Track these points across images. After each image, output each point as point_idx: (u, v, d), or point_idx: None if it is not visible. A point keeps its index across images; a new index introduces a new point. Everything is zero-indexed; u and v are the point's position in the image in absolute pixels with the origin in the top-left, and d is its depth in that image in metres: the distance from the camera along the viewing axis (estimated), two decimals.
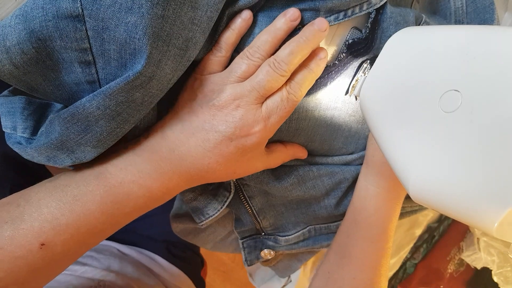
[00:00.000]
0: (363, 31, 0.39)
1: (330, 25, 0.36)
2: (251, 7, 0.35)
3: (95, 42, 0.30)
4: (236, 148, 0.37)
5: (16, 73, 0.31)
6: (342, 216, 0.51)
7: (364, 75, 0.39)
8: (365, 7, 0.37)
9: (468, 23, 0.49)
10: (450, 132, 0.29)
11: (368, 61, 0.40)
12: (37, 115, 0.37)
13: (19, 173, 0.62)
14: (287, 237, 0.54)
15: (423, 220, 0.72)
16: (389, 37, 0.38)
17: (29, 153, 0.35)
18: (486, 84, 0.27)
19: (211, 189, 0.49)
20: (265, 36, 0.35)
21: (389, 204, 0.46)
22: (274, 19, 0.36)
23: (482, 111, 0.27)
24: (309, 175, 0.48)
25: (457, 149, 0.28)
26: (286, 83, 0.37)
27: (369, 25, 0.38)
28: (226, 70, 0.36)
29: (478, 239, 0.68)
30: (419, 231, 0.73)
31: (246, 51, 0.36)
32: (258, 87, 0.35)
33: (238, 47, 0.37)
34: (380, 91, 0.37)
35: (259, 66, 0.36)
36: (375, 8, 0.37)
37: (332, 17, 0.36)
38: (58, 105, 0.37)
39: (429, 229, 0.76)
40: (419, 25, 0.42)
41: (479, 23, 0.48)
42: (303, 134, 0.44)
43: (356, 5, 0.37)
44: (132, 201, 0.36)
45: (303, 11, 0.36)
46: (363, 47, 0.39)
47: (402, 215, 0.56)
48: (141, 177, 0.36)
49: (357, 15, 0.37)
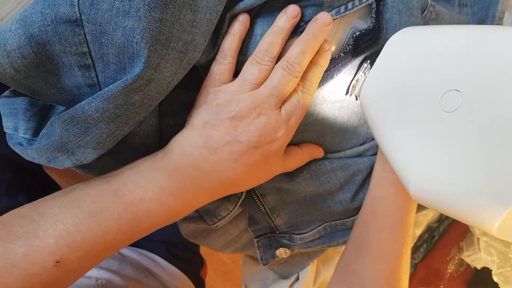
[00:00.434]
0: (369, 22, 0.38)
1: (333, 19, 0.36)
2: (252, 8, 0.35)
3: (93, 46, 0.30)
4: (261, 155, 0.36)
5: (17, 77, 0.32)
6: (357, 210, 0.50)
7: (364, 75, 0.39)
8: None
9: (471, 6, 0.48)
10: (451, 132, 0.29)
11: (369, 61, 0.40)
12: (39, 117, 0.37)
13: (15, 173, 0.62)
14: (302, 235, 0.53)
15: (423, 220, 0.72)
16: (395, 26, 0.38)
17: (30, 154, 0.35)
18: (486, 84, 0.27)
19: None
20: (270, 38, 0.35)
21: None
22: (274, 17, 0.36)
23: (482, 111, 0.27)
24: (322, 169, 0.47)
25: (458, 149, 0.28)
26: (299, 83, 0.37)
27: (373, 15, 0.38)
28: (239, 78, 0.36)
29: (478, 239, 0.68)
30: (419, 231, 0.73)
31: (255, 56, 0.35)
32: (276, 92, 0.35)
33: (242, 50, 0.37)
34: (381, 91, 0.37)
35: (270, 69, 0.35)
36: None
37: (333, 11, 0.36)
38: (61, 107, 0.37)
39: (429, 229, 0.76)
40: (425, 10, 0.42)
41: (483, 6, 0.48)
42: (313, 128, 0.44)
43: None
44: (151, 218, 0.35)
45: (305, 7, 0.36)
46: (371, 38, 0.39)
47: None
48: (162, 194, 0.35)
49: (357, 7, 0.37)
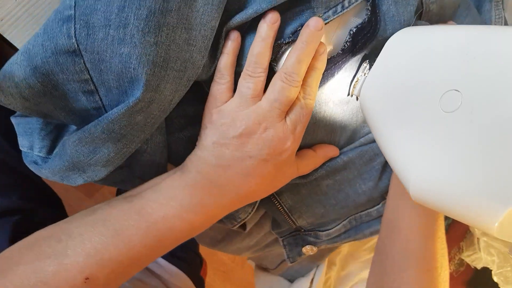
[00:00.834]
0: (364, 15, 0.38)
1: (330, 20, 0.36)
2: (246, 22, 0.35)
3: (94, 73, 0.31)
4: (273, 166, 0.38)
5: (28, 105, 0.33)
6: (381, 196, 0.50)
7: (364, 75, 0.39)
8: None
9: None
10: (450, 132, 0.29)
11: (368, 60, 0.40)
12: (53, 135, 0.39)
13: (7, 174, 0.63)
14: (327, 231, 0.53)
15: None
16: (393, 17, 0.38)
17: (44, 173, 0.37)
18: (486, 84, 0.27)
19: None
20: (257, 49, 0.35)
21: None
22: None
23: (482, 111, 0.27)
24: (338, 163, 0.46)
25: (457, 149, 0.28)
26: (299, 90, 0.37)
27: (369, 7, 0.38)
28: (237, 95, 0.36)
29: (478, 239, 0.68)
30: None
31: (246, 71, 0.36)
32: (278, 104, 0.36)
33: (237, 61, 0.37)
34: (380, 91, 0.37)
35: (264, 79, 0.36)
36: None
37: (330, 12, 0.36)
38: (73, 126, 0.39)
39: None
40: None
41: None
42: (322, 126, 0.44)
43: None
44: (174, 234, 0.37)
45: (301, 12, 0.36)
46: (369, 31, 0.39)
47: None
48: (183, 211, 0.36)
49: (354, 4, 0.37)
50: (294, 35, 0.36)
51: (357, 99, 0.43)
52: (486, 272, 0.68)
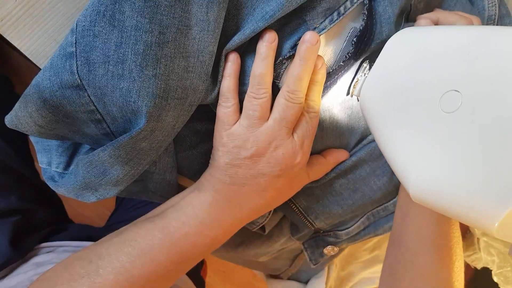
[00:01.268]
0: (361, 20, 0.38)
1: (327, 29, 0.36)
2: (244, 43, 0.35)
3: (99, 105, 0.33)
4: (285, 179, 0.40)
5: (43, 131, 0.35)
6: (397, 189, 0.50)
7: (364, 75, 0.39)
8: None
9: None
10: (451, 132, 0.29)
11: (368, 61, 0.40)
12: (70, 151, 0.42)
13: (7, 175, 0.63)
14: (347, 230, 0.53)
15: None
16: (389, 18, 0.38)
17: (61, 191, 0.40)
18: (486, 84, 0.27)
19: None
20: (259, 70, 0.35)
21: None
22: None
23: (482, 111, 0.27)
24: (347, 164, 0.47)
25: (458, 149, 0.28)
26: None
27: (365, 11, 0.38)
28: (244, 117, 0.37)
29: (478, 239, 0.68)
30: None
31: (250, 93, 0.36)
32: (285, 123, 0.37)
33: (240, 81, 0.37)
34: (380, 91, 0.37)
35: (269, 98, 0.36)
36: None
37: (326, 21, 0.36)
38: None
39: None
40: None
41: None
42: (330, 132, 0.44)
43: (346, 0, 0.37)
44: (198, 249, 0.39)
45: (298, 26, 0.36)
46: (366, 35, 0.39)
47: None
48: (204, 228, 0.39)
49: (350, 9, 0.37)
50: (293, 49, 0.36)
51: (357, 99, 0.43)
52: (486, 272, 0.68)
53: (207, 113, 0.39)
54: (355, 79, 0.40)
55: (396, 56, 0.36)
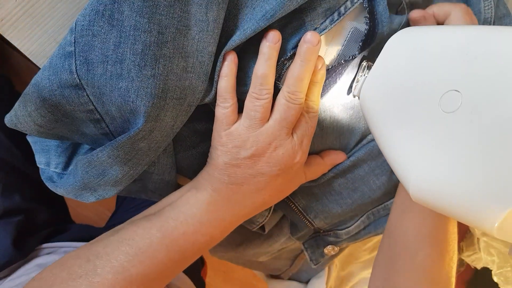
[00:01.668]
0: (363, 23, 0.38)
1: (328, 29, 0.36)
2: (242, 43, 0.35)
3: (98, 104, 0.33)
4: (284, 179, 0.40)
5: (42, 130, 0.35)
6: (397, 188, 0.49)
7: (364, 75, 0.39)
8: None
9: None
10: (450, 132, 0.29)
11: (366, 60, 0.40)
12: (69, 151, 0.42)
13: (10, 174, 0.63)
14: (347, 229, 0.54)
15: None
16: (388, 17, 0.38)
17: (60, 191, 0.40)
18: (486, 84, 0.27)
19: None
20: (261, 71, 0.35)
21: None
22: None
23: (482, 111, 0.27)
24: (345, 165, 0.47)
25: (457, 149, 0.28)
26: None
27: (367, 14, 0.38)
28: (245, 117, 0.37)
29: (478, 239, 0.68)
30: None
31: (252, 93, 0.36)
32: (285, 123, 0.37)
33: (240, 82, 0.37)
34: (380, 91, 0.37)
35: (271, 99, 0.36)
36: None
37: (327, 21, 0.36)
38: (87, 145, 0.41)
39: None
40: None
41: None
42: (330, 131, 0.44)
43: (346, 0, 0.36)
44: (196, 246, 0.39)
45: (300, 27, 0.36)
46: (370, 36, 0.39)
47: None
48: (203, 227, 0.39)
49: (350, 9, 0.37)
50: (294, 50, 0.36)
51: (359, 99, 0.43)
52: (486, 272, 0.68)
53: (206, 113, 0.39)
54: (355, 79, 0.40)
55: (396, 56, 0.36)
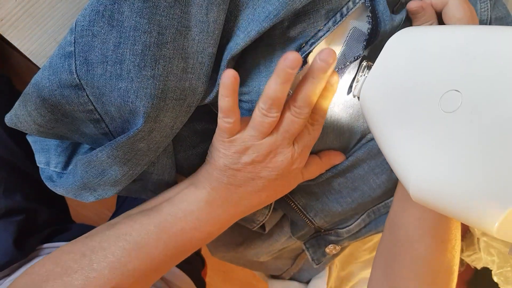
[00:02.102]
0: (366, 22, 0.38)
1: (331, 31, 0.36)
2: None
3: (97, 105, 0.33)
4: (281, 181, 0.41)
5: (42, 130, 0.35)
6: (397, 186, 0.49)
7: (364, 75, 0.39)
8: None
9: None
10: (450, 132, 0.29)
11: (368, 61, 0.40)
12: (69, 151, 0.42)
13: (11, 174, 0.63)
14: (348, 228, 0.53)
15: None
16: (390, 16, 0.38)
17: (59, 191, 0.40)
18: (486, 84, 0.27)
19: None
20: (274, 93, 0.33)
21: None
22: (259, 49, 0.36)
23: (482, 111, 0.27)
24: (344, 164, 0.47)
25: (457, 149, 0.28)
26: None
27: (369, 14, 0.38)
28: (251, 127, 0.36)
29: (478, 239, 0.68)
30: None
31: (261, 109, 0.35)
32: (288, 135, 0.37)
33: (242, 83, 0.37)
34: (380, 91, 0.37)
35: (279, 117, 0.36)
36: None
37: (330, 22, 0.36)
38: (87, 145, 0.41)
39: None
40: None
41: None
42: (330, 131, 0.44)
43: (348, 1, 0.36)
44: (193, 242, 0.40)
45: (303, 30, 0.36)
46: (373, 35, 0.39)
47: None
48: (200, 224, 0.39)
49: (352, 10, 0.37)
50: (299, 52, 0.36)
51: (359, 99, 0.43)
52: (486, 272, 0.68)
53: (207, 113, 0.39)
54: (355, 79, 0.40)
55: (395, 56, 0.36)
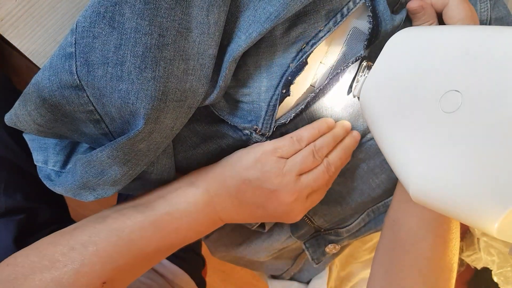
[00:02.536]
0: (367, 22, 0.38)
1: (332, 31, 0.36)
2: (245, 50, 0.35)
3: (97, 105, 0.33)
4: (281, 216, 0.42)
5: (42, 129, 0.35)
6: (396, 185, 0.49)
7: (364, 75, 0.39)
8: None
9: None
10: (451, 133, 0.29)
11: (368, 61, 0.40)
12: (68, 150, 0.42)
13: (12, 173, 0.63)
14: (347, 227, 0.54)
15: None
16: (390, 16, 0.38)
17: (58, 190, 0.40)
18: (486, 84, 0.27)
19: None
20: (320, 142, 0.41)
21: None
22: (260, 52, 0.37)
23: (482, 111, 0.27)
24: (344, 166, 0.47)
25: (457, 149, 0.28)
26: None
27: (370, 13, 0.38)
28: (290, 165, 0.39)
29: (478, 239, 0.68)
30: None
31: (294, 140, 0.40)
32: (314, 184, 0.40)
33: (244, 83, 0.38)
34: (381, 92, 0.37)
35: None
36: None
37: (331, 23, 0.36)
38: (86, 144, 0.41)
39: None
40: None
41: None
42: None
43: (348, 1, 0.37)
44: (186, 241, 0.40)
45: (303, 30, 0.36)
46: (374, 35, 0.39)
47: None
48: (197, 225, 0.39)
49: (353, 10, 0.37)
50: (298, 54, 0.36)
51: (359, 99, 0.43)
52: (486, 272, 0.68)
53: (207, 114, 0.39)
54: (355, 79, 0.40)
55: (396, 56, 0.36)
